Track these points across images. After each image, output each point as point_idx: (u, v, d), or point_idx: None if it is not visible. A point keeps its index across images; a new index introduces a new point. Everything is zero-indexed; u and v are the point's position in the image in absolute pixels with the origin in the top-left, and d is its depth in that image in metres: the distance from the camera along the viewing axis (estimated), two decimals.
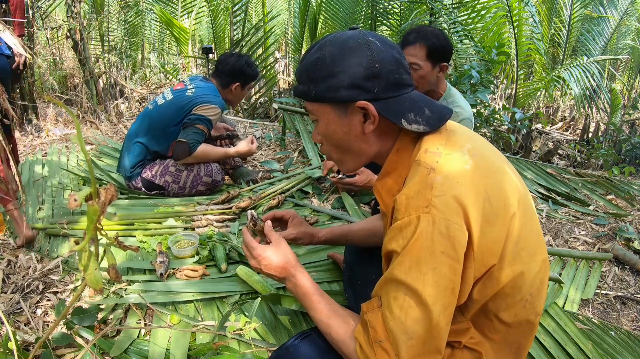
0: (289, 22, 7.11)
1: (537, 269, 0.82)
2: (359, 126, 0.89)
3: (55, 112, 4.01)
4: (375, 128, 0.88)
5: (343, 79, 0.85)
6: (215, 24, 5.36)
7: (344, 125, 0.90)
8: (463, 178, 0.76)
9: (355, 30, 0.92)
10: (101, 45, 5.44)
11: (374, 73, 0.85)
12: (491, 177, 0.80)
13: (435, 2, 3.85)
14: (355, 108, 0.87)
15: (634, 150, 4.42)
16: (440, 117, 0.87)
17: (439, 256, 0.72)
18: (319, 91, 0.88)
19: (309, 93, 0.90)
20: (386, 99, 0.86)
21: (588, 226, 2.46)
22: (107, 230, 1.94)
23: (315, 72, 0.88)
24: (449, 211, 0.73)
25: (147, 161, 2.34)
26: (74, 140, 0.54)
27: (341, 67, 0.85)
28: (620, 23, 5.63)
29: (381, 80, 0.85)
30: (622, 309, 1.81)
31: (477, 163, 0.79)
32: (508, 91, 6.02)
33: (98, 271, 0.60)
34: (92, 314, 1.26)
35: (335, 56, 0.86)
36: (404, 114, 0.85)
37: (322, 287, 1.62)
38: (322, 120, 0.92)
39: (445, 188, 0.74)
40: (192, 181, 2.34)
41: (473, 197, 0.75)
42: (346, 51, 0.86)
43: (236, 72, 2.39)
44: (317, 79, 0.88)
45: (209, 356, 1.26)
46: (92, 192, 0.55)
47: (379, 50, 0.86)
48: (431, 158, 0.80)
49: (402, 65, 0.89)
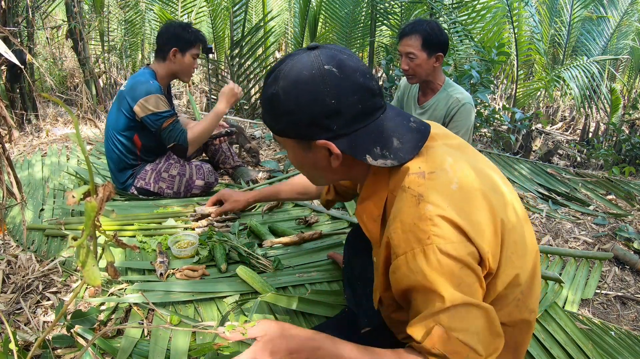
0: (289, 22, 7.11)
1: (530, 267, 0.84)
2: (324, 160, 0.86)
3: (55, 112, 4.01)
4: (342, 161, 0.85)
5: (301, 117, 0.80)
6: (215, 24, 5.36)
7: (310, 159, 0.87)
8: (453, 200, 0.76)
9: (312, 52, 0.82)
10: (101, 45, 5.44)
11: (331, 111, 0.79)
12: (477, 190, 0.79)
13: (435, 2, 3.85)
14: (317, 145, 0.83)
15: (634, 150, 4.42)
16: (410, 148, 0.83)
17: (459, 272, 0.73)
18: (280, 127, 0.85)
19: (272, 127, 0.87)
20: (349, 134, 0.81)
21: (588, 226, 2.45)
22: (106, 230, 1.94)
23: (273, 110, 0.84)
24: (451, 236, 0.73)
25: (135, 168, 2.32)
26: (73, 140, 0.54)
27: (296, 105, 0.80)
28: (620, 23, 5.63)
29: (341, 116, 0.80)
30: (622, 309, 1.80)
31: (461, 182, 0.79)
32: (508, 91, 6.02)
33: (96, 268, 0.60)
34: (92, 317, 1.25)
35: (289, 93, 0.80)
36: (369, 149, 0.82)
37: (322, 287, 1.63)
38: (289, 152, 0.91)
39: (439, 215, 0.74)
40: (185, 186, 2.34)
41: (466, 216, 0.75)
42: (300, 87, 0.79)
43: (171, 38, 2.20)
44: (275, 116, 0.84)
45: (209, 356, 1.25)
46: (90, 189, 0.55)
47: (336, 82, 0.79)
48: (415, 182, 0.78)
49: (368, 89, 0.81)
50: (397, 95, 2.41)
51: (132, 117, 2.18)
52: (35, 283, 1.58)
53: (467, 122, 2.05)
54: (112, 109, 2.29)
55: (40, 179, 2.51)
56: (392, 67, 3.81)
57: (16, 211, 2.07)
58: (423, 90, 2.19)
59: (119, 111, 2.21)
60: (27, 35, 3.70)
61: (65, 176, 2.56)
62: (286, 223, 2.10)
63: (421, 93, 2.21)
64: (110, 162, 2.33)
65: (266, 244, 1.85)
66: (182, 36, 2.22)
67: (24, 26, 3.59)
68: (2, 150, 1.38)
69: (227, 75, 5.30)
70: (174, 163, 2.35)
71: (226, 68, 5.46)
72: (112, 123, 2.26)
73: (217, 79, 5.63)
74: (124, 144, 2.26)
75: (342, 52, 0.83)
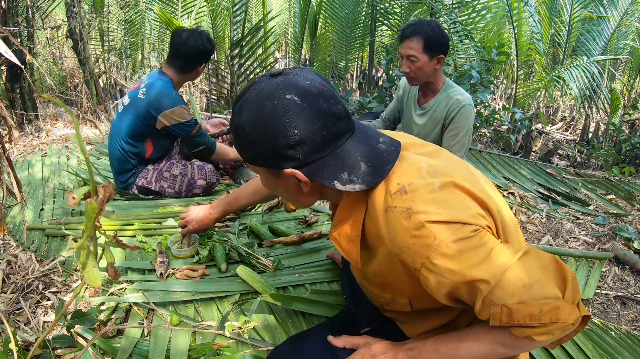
0: (289, 22, 7.11)
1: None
2: (295, 186, 0.87)
3: (55, 112, 4.01)
4: (312, 186, 0.86)
5: (265, 148, 0.81)
6: (215, 24, 5.36)
7: (281, 185, 0.89)
8: (440, 202, 0.77)
9: (275, 79, 0.82)
10: (101, 45, 5.44)
11: (295, 141, 0.79)
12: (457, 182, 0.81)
13: (435, 2, 3.85)
14: (284, 173, 0.84)
15: (634, 150, 4.42)
16: (378, 171, 0.83)
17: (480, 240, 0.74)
18: (248, 156, 0.86)
19: (242, 154, 0.88)
20: (315, 161, 0.82)
21: (588, 226, 2.45)
22: (106, 230, 1.94)
23: (240, 140, 0.85)
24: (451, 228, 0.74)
25: (137, 167, 2.32)
26: (73, 140, 0.54)
27: (260, 137, 0.81)
28: (620, 23, 5.63)
29: (304, 145, 0.80)
30: (622, 309, 1.80)
31: (441, 181, 0.80)
32: (508, 91, 6.02)
33: (96, 269, 0.60)
34: (92, 317, 1.26)
35: (253, 125, 0.81)
36: (336, 175, 0.82)
37: (322, 287, 1.63)
38: (261, 177, 0.93)
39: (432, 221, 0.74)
40: (187, 186, 2.34)
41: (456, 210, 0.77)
42: (263, 119, 0.80)
43: (201, 54, 2.20)
44: (242, 146, 0.85)
45: (209, 356, 1.25)
46: (91, 190, 0.55)
47: (297, 111, 0.79)
48: (399, 199, 0.78)
49: (332, 114, 0.81)
50: (397, 95, 2.40)
51: (151, 124, 2.19)
52: (35, 283, 1.58)
53: (467, 123, 2.05)
54: (123, 113, 2.24)
55: (40, 179, 2.51)
56: (392, 67, 3.81)
57: (16, 211, 2.07)
58: (423, 91, 2.19)
59: (136, 117, 2.18)
60: (27, 35, 3.70)
61: (65, 176, 2.56)
62: (286, 223, 2.10)
63: (421, 94, 2.21)
64: (113, 161, 2.32)
65: (266, 244, 1.85)
66: (208, 50, 2.24)
67: (24, 26, 3.59)
68: (2, 150, 1.38)
69: (227, 75, 5.31)
70: (175, 163, 2.35)
71: (226, 68, 5.46)
72: (124, 127, 2.23)
73: (217, 79, 5.63)
74: (133, 147, 2.26)
75: (305, 77, 0.82)
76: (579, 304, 0.73)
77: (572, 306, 0.71)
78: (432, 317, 0.95)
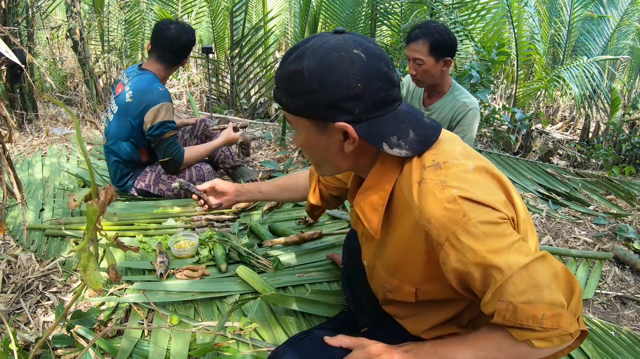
0: (289, 22, 7.10)
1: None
2: (338, 144, 0.85)
3: (55, 112, 4.01)
4: (355, 147, 0.84)
5: (322, 98, 0.79)
6: (215, 24, 5.36)
7: (322, 142, 0.86)
8: (473, 182, 0.78)
9: (340, 35, 0.82)
10: (101, 45, 5.44)
11: (356, 94, 0.79)
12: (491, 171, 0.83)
13: (435, 2, 3.85)
14: (334, 127, 0.82)
15: (634, 150, 4.42)
16: (425, 141, 0.84)
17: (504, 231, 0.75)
18: (297, 106, 0.82)
19: (287, 105, 0.84)
20: (368, 120, 0.81)
21: (588, 226, 2.46)
22: (106, 231, 1.94)
23: (293, 86, 0.81)
24: (482, 207, 0.75)
25: (135, 170, 2.31)
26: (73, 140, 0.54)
27: (320, 85, 0.78)
28: (620, 23, 5.63)
29: (363, 100, 0.79)
30: (622, 309, 1.80)
31: (475, 165, 0.82)
32: (508, 91, 6.02)
33: (97, 272, 0.60)
34: (92, 317, 1.26)
35: (314, 72, 0.78)
36: (386, 137, 0.82)
37: (322, 287, 1.63)
38: (300, 132, 0.88)
39: (464, 197, 0.75)
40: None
41: (487, 193, 0.77)
42: (326, 67, 0.78)
43: (188, 46, 2.19)
44: (295, 94, 0.81)
45: (209, 356, 1.26)
46: (92, 192, 0.55)
47: (363, 66, 0.79)
48: (434, 173, 0.79)
49: (390, 79, 0.83)
50: (401, 94, 2.40)
51: (141, 128, 2.15)
52: (35, 283, 1.58)
53: (473, 126, 2.05)
54: (115, 121, 2.20)
55: (40, 179, 2.51)
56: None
57: (16, 211, 2.07)
58: (429, 92, 2.18)
59: (129, 124, 2.15)
60: (27, 35, 3.70)
61: (65, 176, 2.56)
62: (286, 223, 2.10)
63: (427, 94, 2.20)
64: (110, 167, 2.31)
65: (266, 244, 1.86)
66: (193, 42, 2.20)
67: (24, 26, 3.59)
68: (2, 150, 1.38)
69: (227, 75, 5.30)
70: None
71: (226, 68, 5.46)
72: (118, 135, 2.20)
73: (217, 79, 5.63)
74: (129, 154, 2.24)
75: (368, 40, 0.84)
76: (579, 318, 0.74)
77: (573, 317, 0.72)
78: (433, 312, 0.94)
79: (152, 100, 2.09)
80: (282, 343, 1.05)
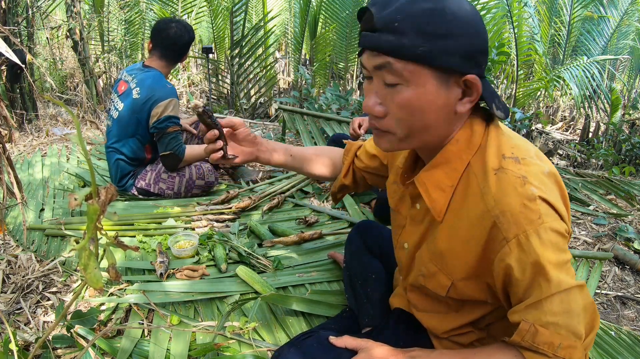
0: (289, 22, 7.10)
1: None
2: (451, 105, 0.75)
3: (55, 112, 4.01)
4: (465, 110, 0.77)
5: (463, 45, 0.70)
6: (215, 24, 5.36)
7: (441, 98, 0.73)
8: (548, 185, 0.76)
9: None
10: (101, 45, 5.44)
11: (485, 49, 0.73)
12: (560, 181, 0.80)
13: None
14: (458, 81, 0.73)
15: (634, 150, 4.42)
16: (507, 110, 0.80)
17: (564, 246, 0.73)
18: (430, 50, 0.69)
19: (410, 49, 0.69)
20: (484, 78, 0.76)
21: (588, 226, 2.46)
22: (106, 231, 1.94)
23: (430, 26, 0.69)
24: (554, 214, 0.73)
25: (136, 169, 2.31)
26: (74, 140, 0.54)
27: (462, 30, 0.69)
28: (620, 23, 5.64)
29: (486, 56, 0.74)
30: (622, 309, 1.80)
31: (549, 167, 0.79)
32: (508, 91, 6.02)
33: (98, 271, 0.60)
34: (92, 317, 1.26)
35: (456, 13, 0.69)
36: (495, 97, 0.77)
37: (322, 287, 1.63)
38: (413, 88, 0.73)
39: (542, 197, 0.73)
40: (185, 186, 2.34)
41: (559, 200, 0.75)
42: (467, 13, 0.70)
43: (188, 45, 2.26)
44: (430, 35, 0.69)
45: (209, 356, 1.25)
46: (92, 191, 0.55)
47: (484, 28, 0.75)
48: (514, 165, 0.76)
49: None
50: None
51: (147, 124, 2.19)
52: (35, 283, 1.58)
53: None
54: (120, 119, 2.21)
55: (40, 179, 2.51)
56: None
57: (16, 211, 2.07)
58: None
59: (137, 120, 2.17)
60: (27, 35, 3.70)
61: (65, 176, 2.56)
62: (286, 223, 2.10)
63: None
64: (112, 167, 2.31)
65: (266, 244, 1.86)
66: (193, 39, 2.29)
67: (24, 26, 3.59)
68: (2, 150, 1.38)
69: (227, 75, 5.31)
70: None
71: (226, 68, 5.46)
72: (125, 133, 2.21)
73: (217, 79, 5.63)
74: (134, 152, 2.26)
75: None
76: (586, 355, 0.74)
77: (584, 352, 0.72)
78: (453, 314, 0.92)
79: (161, 95, 2.14)
80: (286, 342, 1.05)
